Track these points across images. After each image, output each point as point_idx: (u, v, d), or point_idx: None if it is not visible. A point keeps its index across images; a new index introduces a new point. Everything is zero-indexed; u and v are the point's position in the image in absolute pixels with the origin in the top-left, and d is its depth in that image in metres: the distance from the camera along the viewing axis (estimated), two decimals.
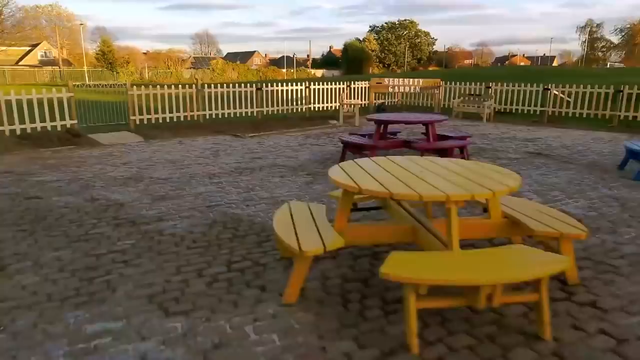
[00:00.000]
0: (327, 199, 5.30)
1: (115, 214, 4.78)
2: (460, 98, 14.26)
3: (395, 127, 9.29)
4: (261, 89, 12.75)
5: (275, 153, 8.23)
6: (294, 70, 72.26)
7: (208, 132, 10.70)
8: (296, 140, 9.81)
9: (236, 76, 60.20)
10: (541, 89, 13.15)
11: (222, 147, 8.94)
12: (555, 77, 21.38)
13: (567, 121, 12.76)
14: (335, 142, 9.45)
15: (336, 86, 14.65)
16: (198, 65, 73.53)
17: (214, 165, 7.17)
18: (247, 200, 5.29)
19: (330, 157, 7.76)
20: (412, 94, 16.26)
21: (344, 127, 12.00)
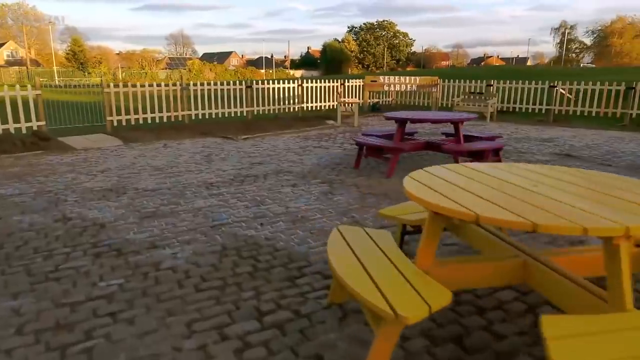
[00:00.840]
0: (357, 213, 4.36)
1: (94, 238, 3.74)
2: (462, 96, 13.52)
3: (409, 127, 8.39)
4: (251, 87, 11.73)
5: (276, 157, 7.24)
6: (272, 70, 71.07)
7: (195, 133, 9.63)
8: (295, 142, 8.83)
9: (214, 77, 58.71)
10: (547, 86, 12.51)
11: (214, 150, 7.90)
12: (536, 76, 20.99)
13: (574, 120, 12.15)
14: (339, 144, 8.52)
15: (330, 84, 13.73)
16: (173, 65, 71.65)
17: (209, 173, 6.14)
18: (259, 216, 4.30)
19: (341, 162, 6.82)
20: (407, 92, 15.47)
21: (343, 127, 11.08)
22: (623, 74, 21.57)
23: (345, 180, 5.69)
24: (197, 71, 58.55)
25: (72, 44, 63.04)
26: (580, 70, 33.47)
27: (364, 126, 11.32)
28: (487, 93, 13.36)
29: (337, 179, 5.73)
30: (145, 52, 67.80)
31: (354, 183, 5.54)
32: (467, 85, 14.10)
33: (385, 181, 5.61)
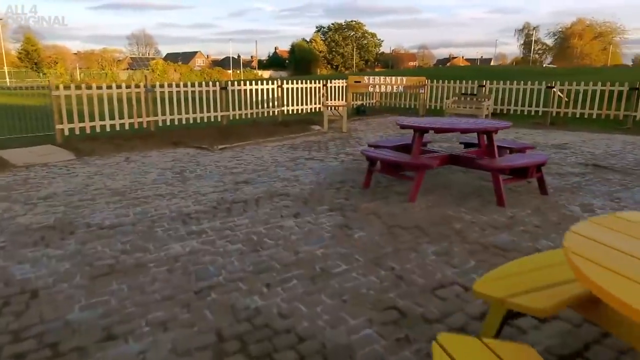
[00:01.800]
0: (396, 261, 3.22)
1: (16, 322, 2.45)
2: (453, 98, 12.62)
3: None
4: (226, 89, 10.43)
5: (265, 174, 6.02)
6: (240, 71, 69.25)
7: (163, 143, 8.26)
8: (282, 153, 7.62)
9: (178, 77, 56.53)
10: (543, 87, 11.75)
11: (187, 165, 6.60)
12: (503, 75, 20.50)
13: (572, 123, 11.43)
14: (334, 154, 7.37)
15: (312, 85, 12.56)
16: (136, 66, 68.84)
17: (185, 198, 4.87)
18: (261, 270, 3.10)
19: (344, 179, 5.68)
20: (392, 94, 14.48)
21: (331, 133, 9.94)
22: (589, 75, 21.38)
23: (359, 205, 4.55)
24: (161, 72, 56.26)
25: (26, 42, 59.34)
26: (543, 70, 33.62)
27: (353, 132, 10.22)
28: (480, 94, 12.51)
29: (348, 205, 4.58)
30: (105, 51, 64.70)
31: (372, 210, 4.40)
32: (456, 86, 13.22)
33: (410, 207, 4.50)
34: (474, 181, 5.54)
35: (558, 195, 4.93)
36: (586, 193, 5.02)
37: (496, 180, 4.47)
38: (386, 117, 13.26)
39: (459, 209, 4.42)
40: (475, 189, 5.17)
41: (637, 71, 25.36)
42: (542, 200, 4.71)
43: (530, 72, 26.56)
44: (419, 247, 3.48)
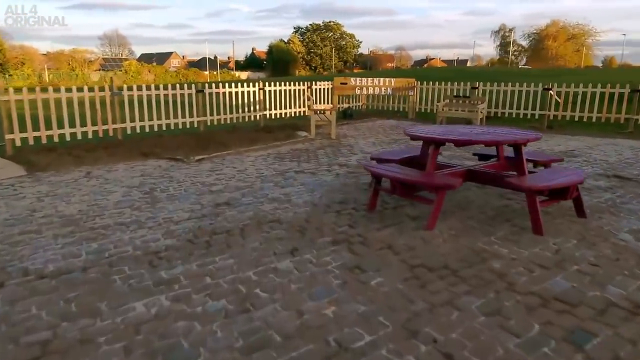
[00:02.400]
0: (434, 327, 2.41)
1: None
2: (445, 100, 11.95)
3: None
4: (203, 92, 9.49)
5: (250, 192, 5.16)
6: (217, 72, 67.84)
7: (132, 154, 7.29)
8: (268, 164, 6.77)
9: (153, 79, 54.91)
10: (540, 89, 11.18)
11: (158, 181, 5.68)
12: (482, 76, 20.10)
13: (570, 126, 10.89)
14: (326, 166, 6.55)
15: (295, 88, 11.71)
16: (108, 67, 66.81)
17: (154, 227, 3.98)
18: (255, 346, 2.26)
19: (345, 199, 4.86)
20: (379, 96, 13.74)
21: (319, 140, 9.11)
22: (569, 76, 21.18)
23: (368, 236, 3.74)
24: (135, 72, 54.61)
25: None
26: (520, 70, 33.60)
27: (342, 138, 9.41)
28: (473, 96, 11.87)
29: (354, 235, 3.76)
30: (75, 52, 62.44)
31: (386, 242, 3.59)
32: (447, 87, 12.56)
33: (429, 237, 3.71)
34: (494, 199, 4.79)
35: (597, 217, 4.22)
36: (628, 214, 4.32)
37: (532, 204, 3.72)
38: (374, 121, 12.51)
39: (489, 239, 3.65)
40: (498, 210, 4.42)
41: (627, 73, 25.36)
42: (582, 226, 3.98)
43: (509, 73, 26.29)
44: (458, 300, 2.69)
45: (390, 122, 12.33)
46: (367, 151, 7.88)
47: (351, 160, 7.04)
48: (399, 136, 9.77)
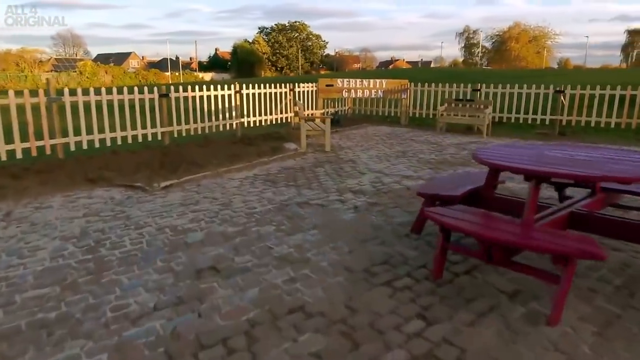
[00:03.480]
0: None
1: None
2: (444, 105, 10.62)
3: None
4: (168, 96, 7.75)
5: (243, 244, 3.56)
6: (179, 73, 64.96)
7: (74, 181, 5.51)
8: (258, 192, 5.16)
9: (110, 80, 51.81)
10: (551, 91, 10.02)
11: (108, 226, 3.98)
12: (449, 77, 19.16)
13: (584, 132, 9.79)
14: (336, 194, 5.01)
15: (276, 91, 10.10)
16: (62, 68, 62.82)
17: (93, 334, 2.33)
18: None
19: (390, 258, 3.34)
20: (369, 99, 12.29)
21: (312, 154, 7.55)
22: (539, 77, 20.49)
23: (463, 344, 2.23)
24: (91, 74, 51.38)
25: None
26: (482, 71, 33.16)
27: (338, 150, 7.89)
28: (477, 100, 10.60)
29: (440, 343, 2.25)
30: (23, 51, 58.30)
31: (492, 357, 2.10)
32: (446, 90, 11.24)
33: (562, 342, 2.24)
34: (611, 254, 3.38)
35: None
36: None
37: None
38: (365, 127, 11.06)
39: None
40: (629, 277, 3.01)
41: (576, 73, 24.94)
42: None
43: (477, 74, 25.44)
44: None
45: (383, 128, 10.92)
46: (376, 169, 6.40)
47: (364, 184, 5.53)
48: (402, 146, 8.34)
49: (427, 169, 6.48)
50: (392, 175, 6.01)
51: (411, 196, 4.95)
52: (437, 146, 8.53)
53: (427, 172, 6.22)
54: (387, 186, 5.44)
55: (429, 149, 8.21)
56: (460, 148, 8.29)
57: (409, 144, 8.76)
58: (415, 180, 5.71)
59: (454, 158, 7.32)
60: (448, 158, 7.29)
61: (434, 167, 6.55)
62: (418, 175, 6.04)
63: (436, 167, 6.60)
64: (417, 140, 9.18)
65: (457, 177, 4.12)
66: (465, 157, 7.41)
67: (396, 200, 4.80)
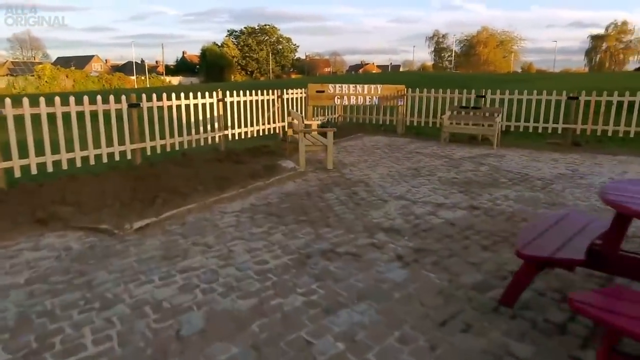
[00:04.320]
0: None
1: None
2: (449, 112, 9.67)
3: None
4: (139, 106, 6.45)
5: (260, 336, 2.39)
6: (145, 77, 62.50)
7: (17, 223, 4.16)
8: (262, 233, 3.98)
9: (72, 85, 49.14)
10: (564, 98, 9.21)
11: (59, 302, 2.73)
12: (420, 81, 18.52)
13: (596, 142, 9.03)
14: (367, 234, 3.89)
15: (262, 98, 8.91)
16: (18, 71, 59.26)
17: None
18: None
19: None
20: (361, 107, 11.22)
21: (314, 174, 6.41)
22: (515, 83, 20.08)
23: None
24: (50, 78, 48.56)
25: None
26: (450, 74, 32.91)
27: (342, 167, 6.77)
28: (484, 107, 9.69)
29: None
30: None
31: None
32: (447, 96, 10.29)
33: None
34: None
35: None
36: None
37: None
38: (360, 137, 10.00)
39: None
40: None
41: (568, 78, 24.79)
42: None
43: (451, 79, 24.94)
44: None
45: (380, 139, 9.88)
46: (397, 193, 5.32)
47: (393, 217, 4.43)
48: (411, 161, 7.31)
49: (456, 192, 5.45)
50: (421, 203, 4.93)
51: (462, 235, 3.89)
52: (449, 160, 7.54)
53: (460, 198, 5.18)
54: (423, 220, 4.35)
55: (443, 164, 7.20)
56: (477, 163, 7.32)
57: (417, 158, 7.73)
58: (452, 211, 4.66)
59: (478, 176, 6.33)
60: (472, 177, 6.29)
61: (465, 190, 5.51)
62: (452, 202, 4.99)
63: (466, 189, 5.57)
64: (423, 153, 8.17)
65: (552, 222, 3.04)
66: (488, 174, 6.43)
67: (447, 244, 3.72)
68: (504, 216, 4.51)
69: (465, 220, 4.37)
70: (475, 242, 3.79)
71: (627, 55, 72.07)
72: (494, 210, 4.72)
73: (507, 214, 4.57)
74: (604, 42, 72.59)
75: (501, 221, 4.35)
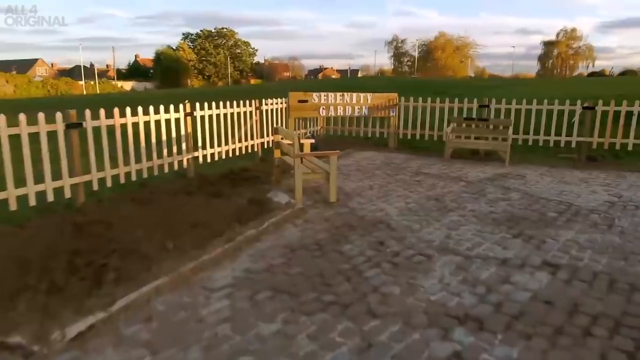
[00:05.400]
0: None
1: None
2: (452, 125, 8.50)
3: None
4: (81, 126, 4.83)
5: None
6: (94, 82, 58.86)
7: None
8: (273, 329, 2.55)
9: (12, 90, 45.33)
10: (578, 108, 8.23)
11: None
12: (375, 86, 17.71)
13: (613, 156, 8.13)
14: (428, 322, 2.52)
15: (237, 110, 7.41)
16: None
17: None
18: None
19: None
20: (346, 118, 9.88)
21: (315, 210, 5.00)
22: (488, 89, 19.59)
23: None
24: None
25: None
26: (412, 80, 32.54)
27: (347, 200, 5.41)
28: (492, 119, 8.57)
29: None
30: None
31: None
32: (448, 105, 9.12)
33: None
34: None
35: None
36: None
37: None
38: (350, 154, 8.69)
39: None
40: None
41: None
42: None
43: (419, 85, 24.23)
44: None
45: (374, 155, 8.60)
46: (436, 242, 4.02)
47: (454, 289, 3.11)
48: (424, 187, 6.05)
49: (509, 236, 4.21)
50: (480, 261, 3.64)
51: (576, 326, 2.60)
52: (467, 184, 6.34)
53: (521, 246, 3.93)
54: (500, 295, 3.05)
55: (463, 190, 5.97)
56: (501, 187, 6.15)
57: (429, 181, 6.49)
58: (529, 274, 3.39)
59: (516, 208, 5.14)
60: (511, 210, 5.08)
61: (519, 234, 4.27)
62: (517, 256, 3.72)
63: (519, 231, 4.34)
64: (431, 174, 6.94)
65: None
66: (527, 205, 5.26)
67: (569, 349, 2.42)
68: (604, 282, 3.27)
69: (558, 292, 3.10)
70: (603, 339, 2.51)
71: (576, 60, 74.88)
72: (580, 270, 3.48)
73: (605, 279, 3.33)
74: (555, 48, 75.10)
75: (607, 292, 3.11)
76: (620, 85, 17.44)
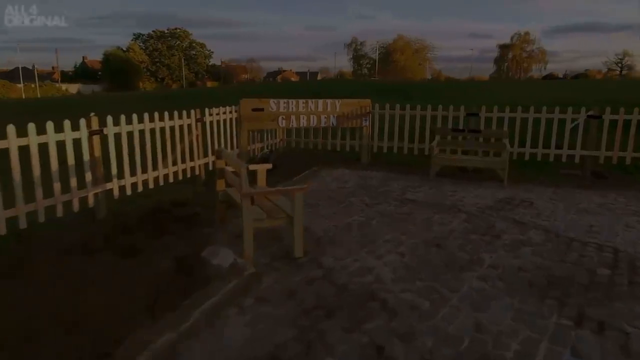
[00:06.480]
0: None
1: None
2: (436, 138, 7.09)
3: None
4: None
5: None
6: (35, 84, 54.63)
7: None
8: None
9: None
10: (582, 115, 7.03)
11: None
12: (340, 89, 16.58)
13: (622, 171, 7.02)
14: None
15: (172, 124, 5.71)
16: None
17: None
18: None
19: None
20: (310, 129, 8.32)
21: (273, 276, 3.41)
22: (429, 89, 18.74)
23: None
24: None
25: None
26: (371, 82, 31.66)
27: (320, 255, 3.85)
28: (486, 130, 7.23)
29: None
30: None
31: None
32: (425, 113, 7.73)
33: None
34: None
35: None
36: None
37: None
38: (317, 173, 7.15)
39: None
40: None
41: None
42: None
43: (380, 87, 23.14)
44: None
45: (345, 174, 7.11)
46: (455, 334, 2.52)
47: None
48: (418, 226, 4.58)
49: (568, 322, 2.78)
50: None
51: None
52: (469, 218, 4.93)
53: (594, 344, 2.50)
54: None
55: (467, 228, 4.56)
56: (511, 222, 4.78)
57: (419, 214, 5.03)
58: None
59: (547, 259, 3.76)
60: (550, 267, 3.67)
61: (581, 317, 2.85)
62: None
63: (578, 311, 2.92)
64: (420, 202, 5.50)
65: None
66: (562, 255, 3.87)
67: None
68: None
69: None
70: None
71: (530, 63, 76.65)
72: None
73: None
74: (509, 51, 76.56)
75: None
76: (594, 90, 16.81)
